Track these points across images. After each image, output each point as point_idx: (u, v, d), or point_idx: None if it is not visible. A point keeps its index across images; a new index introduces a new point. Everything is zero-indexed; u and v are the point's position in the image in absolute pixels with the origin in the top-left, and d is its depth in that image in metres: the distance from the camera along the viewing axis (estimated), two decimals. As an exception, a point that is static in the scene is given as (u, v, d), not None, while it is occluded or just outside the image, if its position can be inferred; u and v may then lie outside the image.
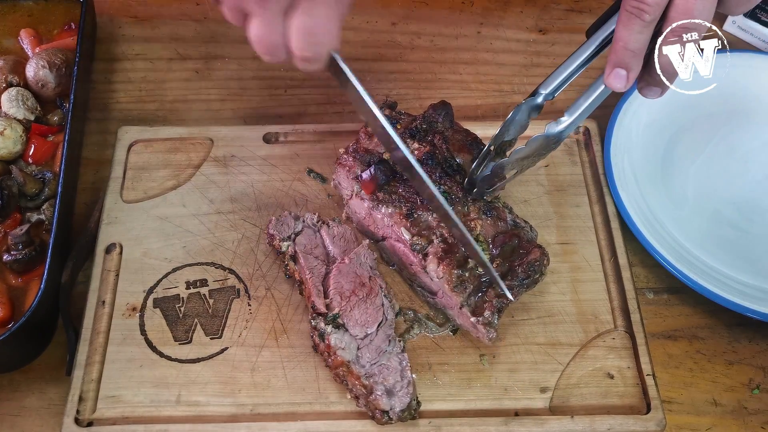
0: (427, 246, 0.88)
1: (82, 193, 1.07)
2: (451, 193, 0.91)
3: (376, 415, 0.82)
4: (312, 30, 0.74)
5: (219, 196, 1.04)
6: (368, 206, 0.93)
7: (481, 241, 0.88)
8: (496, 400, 0.87)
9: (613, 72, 0.79)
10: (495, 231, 0.89)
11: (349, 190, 0.96)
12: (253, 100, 1.17)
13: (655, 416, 0.85)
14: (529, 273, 0.88)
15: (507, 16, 1.29)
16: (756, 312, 0.91)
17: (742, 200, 1.05)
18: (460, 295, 0.86)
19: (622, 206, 0.99)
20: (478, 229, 0.89)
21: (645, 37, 0.76)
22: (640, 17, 0.75)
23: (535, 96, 0.84)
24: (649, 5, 0.74)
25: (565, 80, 0.83)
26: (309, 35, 0.74)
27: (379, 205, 0.91)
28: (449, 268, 0.86)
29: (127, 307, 0.94)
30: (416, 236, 0.88)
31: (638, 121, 1.08)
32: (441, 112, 0.98)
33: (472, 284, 0.86)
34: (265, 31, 0.73)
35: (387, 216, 0.91)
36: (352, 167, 0.94)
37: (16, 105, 1.04)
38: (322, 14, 0.74)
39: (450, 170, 0.93)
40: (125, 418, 0.86)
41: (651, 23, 0.75)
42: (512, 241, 0.89)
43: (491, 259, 0.87)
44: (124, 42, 1.24)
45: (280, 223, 0.95)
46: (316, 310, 0.87)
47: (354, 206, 0.97)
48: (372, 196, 0.92)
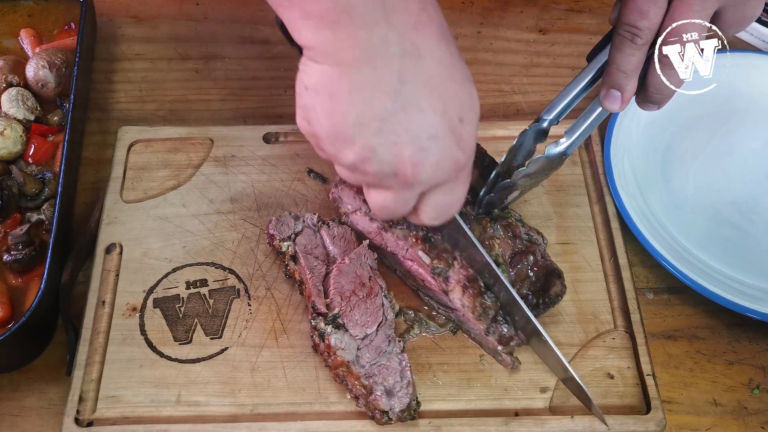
0: (448, 270, 0.87)
1: (82, 193, 1.07)
2: (467, 213, 0.90)
3: (375, 416, 0.82)
4: (448, 206, 0.74)
5: (219, 196, 1.04)
6: (378, 226, 0.92)
7: (501, 263, 0.88)
8: (496, 400, 0.87)
9: (608, 93, 0.80)
10: (512, 250, 0.90)
11: (354, 207, 0.95)
12: (253, 100, 1.17)
13: (655, 416, 0.85)
14: (549, 305, 0.89)
15: (507, 16, 1.29)
16: (756, 312, 0.91)
17: (742, 200, 1.04)
18: (483, 323, 0.86)
19: (622, 206, 0.99)
20: (496, 248, 0.89)
21: (638, 59, 0.77)
22: (633, 41, 0.76)
23: (540, 122, 0.86)
24: (640, 29, 0.75)
25: (568, 105, 0.85)
26: (444, 211, 0.74)
27: (391, 227, 0.90)
28: (473, 298, 0.86)
29: (127, 307, 0.94)
30: (435, 260, 0.87)
31: (638, 121, 1.08)
32: None
33: (495, 310, 0.87)
34: (397, 205, 0.71)
35: (401, 239, 0.90)
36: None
37: (16, 105, 1.04)
38: (461, 192, 0.73)
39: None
40: (125, 418, 0.86)
41: (644, 46, 0.77)
42: (527, 259, 0.89)
43: (513, 284, 0.87)
44: (124, 42, 1.24)
45: (280, 223, 0.95)
46: (317, 310, 0.87)
47: (357, 221, 0.95)
48: (386, 222, 0.91)
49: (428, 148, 0.66)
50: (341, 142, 0.66)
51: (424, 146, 0.65)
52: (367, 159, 0.66)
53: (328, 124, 0.65)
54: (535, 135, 0.87)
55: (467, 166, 0.71)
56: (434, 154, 0.66)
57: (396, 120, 0.64)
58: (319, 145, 0.69)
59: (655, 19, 0.75)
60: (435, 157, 0.66)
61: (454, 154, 0.67)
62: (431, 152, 0.66)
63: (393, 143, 0.65)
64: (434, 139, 0.65)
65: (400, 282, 0.96)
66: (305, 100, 0.67)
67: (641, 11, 0.75)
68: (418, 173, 0.66)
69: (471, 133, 0.69)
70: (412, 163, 0.66)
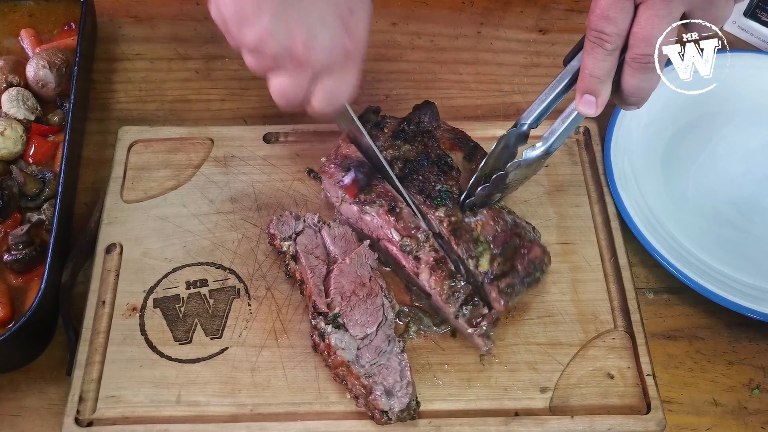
0: (418, 250, 0.88)
1: (83, 193, 1.07)
2: (451, 192, 0.91)
3: (375, 416, 0.82)
4: (337, 92, 0.81)
5: (219, 196, 1.04)
6: (357, 210, 0.93)
7: (482, 241, 0.88)
8: (496, 400, 0.87)
9: (582, 98, 0.82)
10: (495, 231, 0.89)
11: (336, 196, 0.96)
12: (253, 100, 1.17)
13: (655, 416, 0.85)
14: (529, 270, 0.88)
15: (507, 16, 1.29)
16: (756, 312, 0.91)
17: (742, 200, 1.04)
18: (452, 306, 0.86)
19: (622, 206, 0.99)
20: (478, 230, 0.89)
21: (609, 64, 0.79)
22: (602, 46, 0.78)
23: (518, 126, 0.88)
24: (608, 35, 0.77)
25: (546, 109, 0.87)
26: (333, 96, 0.81)
27: (365, 207, 0.92)
28: (441, 279, 0.87)
29: (127, 307, 0.94)
30: (406, 237, 0.89)
31: (638, 121, 1.08)
32: (426, 111, 0.99)
33: (465, 293, 0.87)
34: (292, 88, 0.79)
35: (375, 217, 0.91)
36: (334, 174, 0.95)
37: (16, 105, 1.04)
38: (349, 77, 0.81)
39: (446, 167, 0.94)
40: (125, 418, 0.86)
41: (614, 51, 0.78)
42: (513, 240, 0.89)
43: (492, 259, 0.87)
44: (124, 42, 1.24)
45: (281, 223, 0.95)
46: (317, 309, 0.87)
47: (345, 212, 0.97)
48: (356, 199, 0.92)
49: (319, 33, 0.76)
50: (243, 24, 0.76)
51: (315, 31, 0.75)
52: (264, 40, 0.75)
53: (232, 7, 0.76)
54: (516, 139, 0.88)
55: (356, 56, 0.80)
56: (324, 38, 0.76)
57: (291, 5, 0.75)
58: (226, 29, 0.78)
59: (622, 24, 0.76)
60: (325, 41, 0.76)
61: (343, 41, 0.77)
62: (322, 36, 0.76)
63: (287, 27, 0.75)
64: (325, 25, 0.76)
65: (400, 282, 0.96)
66: None
67: (607, 17, 0.76)
68: (309, 55, 0.76)
69: (361, 26, 0.79)
70: (304, 45, 0.75)
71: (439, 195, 0.91)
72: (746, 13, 1.20)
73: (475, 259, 0.87)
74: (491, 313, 0.86)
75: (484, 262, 0.87)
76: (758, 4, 1.18)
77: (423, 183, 0.92)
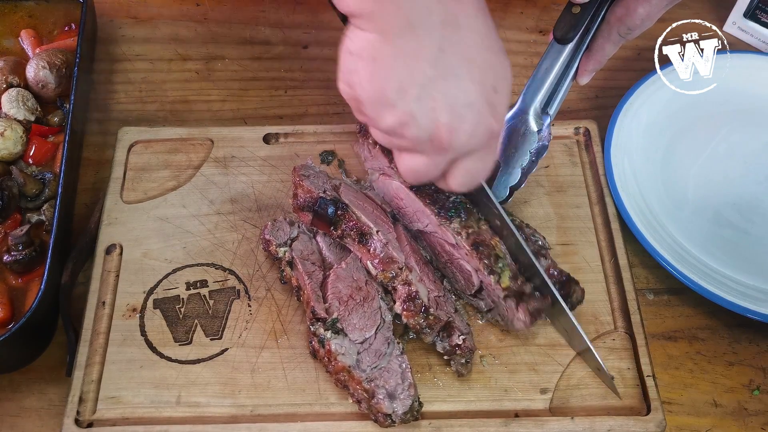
0: (393, 284, 0.88)
1: (83, 193, 1.07)
2: (465, 203, 0.90)
3: (378, 419, 0.82)
4: (477, 173, 0.77)
5: (219, 196, 1.04)
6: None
7: (501, 257, 0.87)
8: (496, 401, 0.87)
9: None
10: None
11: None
12: (254, 101, 1.18)
13: (655, 417, 0.85)
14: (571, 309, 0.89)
15: (507, 17, 1.29)
16: (756, 313, 0.91)
17: (742, 201, 1.04)
18: (428, 336, 0.87)
19: (622, 207, 0.99)
20: (498, 245, 0.88)
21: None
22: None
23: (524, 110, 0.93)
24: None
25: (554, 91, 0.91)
26: (473, 178, 0.77)
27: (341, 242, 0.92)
28: (412, 315, 0.86)
29: (127, 308, 0.94)
30: (381, 272, 0.88)
31: (638, 122, 1.08)
32: None
33: (437, 327, 0.86)
34: (428, 169, 0.74)
35: (356, 251, 0.91)
36: (304, 216, 0.94)
37: (16, 106, 1.04)
38: (490, 157, 0.76)
39: None
40: (125, 419, 0.86)
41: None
42: (539, 262, 0.88)
43: (514, 276, 0.87)
44: (125, 43, 1.24)
45: (275, 229, 0.94)
46: (316, 315, 0.86)
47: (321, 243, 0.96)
48: (331, 233, 0.92)
49: (464, 116, 0.69)
50: (382, 106, 0.69)
51: (460, 113, 0.69)
52: (405, 123, 0.69)
53: (371, 89, 0.68)
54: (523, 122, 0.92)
55: (498, 135, 0.75)
56: (470, 122, 0.69)
57: (435, 87, 0.67)
58: (359, 108, 0.72)
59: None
60: (470, 124, 0.69)
61: (488, 123, 0.71)
62: (467, 119, 0.69)
63: (431, 109, 0.68)
64: (470, 107, 0.69)
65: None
66: (348, 65, 0.69)
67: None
68: (453, 139, 0.69)
69: (504, 103, 0.73)
70: (449, 130, 0.69)
71: (454, 206, 0.89)
72: (746, 13, 1.20)
73: (497, 275, 0.86)
74: (465, 343, 0.86)
75: (505, 278, 0.86)
76: (758, 5, 1.18)
77: (436, 193, 0.90)
